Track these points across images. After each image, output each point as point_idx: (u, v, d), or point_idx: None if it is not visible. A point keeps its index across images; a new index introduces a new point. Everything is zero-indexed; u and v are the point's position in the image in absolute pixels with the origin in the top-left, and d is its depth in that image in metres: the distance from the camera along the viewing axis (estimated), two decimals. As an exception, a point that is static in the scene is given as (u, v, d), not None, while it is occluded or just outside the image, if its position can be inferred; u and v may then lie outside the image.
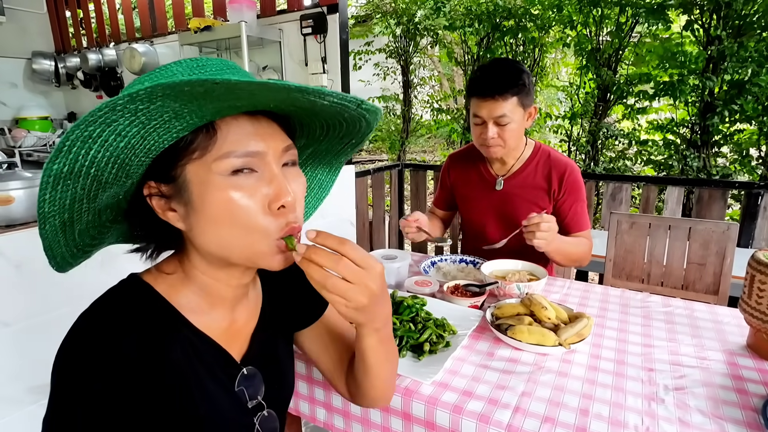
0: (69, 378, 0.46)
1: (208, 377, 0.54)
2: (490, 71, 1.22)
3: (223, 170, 0.46)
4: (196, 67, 0.45)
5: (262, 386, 0.61)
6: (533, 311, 0.93)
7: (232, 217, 0.47)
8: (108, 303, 0.50)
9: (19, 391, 1.45)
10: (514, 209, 1.36)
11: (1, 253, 1.36)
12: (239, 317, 0.60)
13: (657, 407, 0.73)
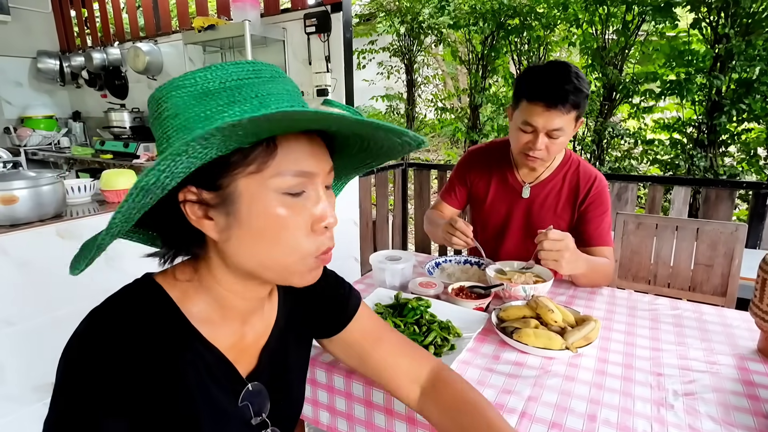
0: (74, 378, 0.45)
1: (212, 390, 0.53)
2: (555, 78, 1.10)
3: (278, 187, 0.46)
4: (252, 71, 0.45)
5: (267, 403, 0.60)
6: (539, 314, 0.92)
7: (278, 234, 0.47)
8: (121, 304, 0.50)
9: (24, 390, 1.46)
10: (539, 219, 1.30)
11: (5, 252, 1.36)
12: (250, 331, 0.58)
13: (666, 413, 0.71)
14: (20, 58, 4.20)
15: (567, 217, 1.30)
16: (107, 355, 0.45)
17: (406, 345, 0.71)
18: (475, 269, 1.30)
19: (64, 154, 3.73)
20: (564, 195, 1.29)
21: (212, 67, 0.44)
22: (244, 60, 0.45)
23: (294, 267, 0.50)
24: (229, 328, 0.55)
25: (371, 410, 0.81)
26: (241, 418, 0.56)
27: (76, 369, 0.45)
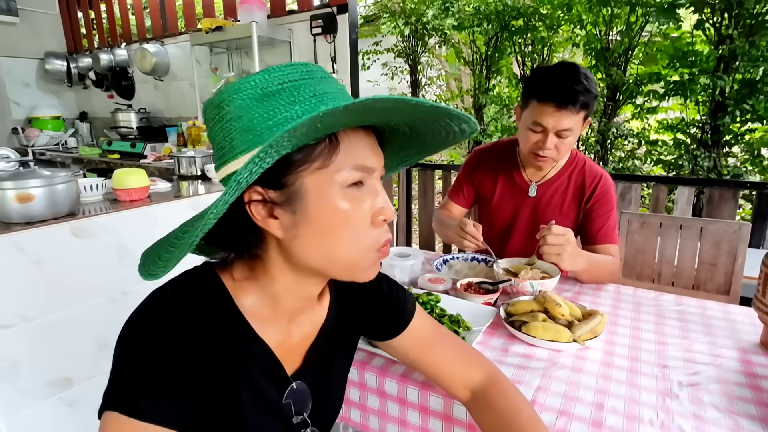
0: (130, 355, 0.46)
1: (259, 383, 0.54)
2: (565, 78, 1.11)
3: (343, 181, 0.47)
4: (306, 72, 0.47)
5: (309, 403, 0.60)
6: (547, 308, 0.94)
7: (344, 228, 0.48)
8: (180, 288, 0.51)
9: (37, 385, 1.48)
10: (545, 217, 1.31)
11: (22, 249, 1.39)
12: (296, 331, 0.59)
13: (672, 402, 0.73)
14: (28, 59, 4.24)
15: (573, 216, 1.31)
16: (162, 336, 0.46)
17: (461, 349, 0.71)
18: (482, 266, 1.32)
19: (71, 154, 3.77)
20: (570, 194, 1.30)
21: (269, 70, 0.46)
22: (296, 62, 0.47)
23: (359, 260, 0.51)
24: (278, 325, 0.56)
25: (405, 408, 0.83)
26: (284, 415, 0.57)
27: (133, 347, 0.47)
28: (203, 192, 1.95)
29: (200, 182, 2.22)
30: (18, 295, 1.40)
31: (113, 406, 0.44)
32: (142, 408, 0.44)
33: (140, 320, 0.49)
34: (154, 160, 3.14)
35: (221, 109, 0.47)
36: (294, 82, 0.46)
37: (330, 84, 0.48)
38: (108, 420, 0.44)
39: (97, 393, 1.60)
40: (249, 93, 0.45)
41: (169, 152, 3.27)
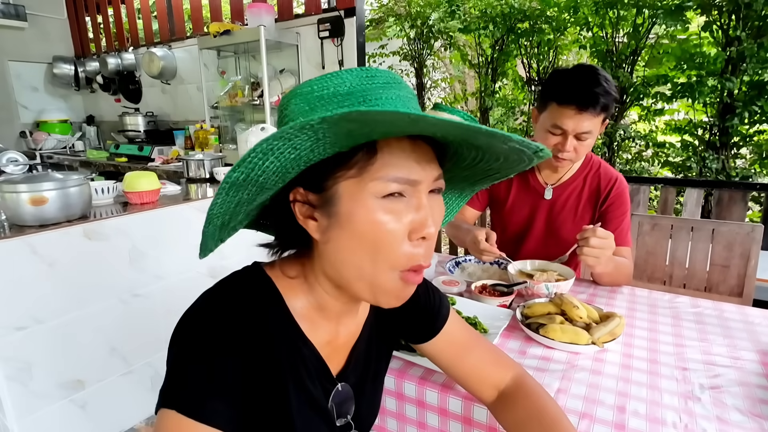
0: (183, 356, 0.47)
1: (307, 386, 0.54)
2: (586, 81, 1.10)
3: (379, 192, 0.45)
4: (366, 78, 0.45)
5: (353, 405, 0.60)
6: (564, 310, 0.94)
7: (374, 237, 0.46)
8: (231, 289, 0.51)
9: (50, 387, 1.49)
10: (561, 220, 1.31)
11: (36, 251, 1.40)
12: (342, 332, 0.59)
13: (694, 405, 0.73)
14: (36, 63, 4.28)
15: (588, 218, 1.31)
16: (216, 337, 0.47)
17: (493, 353, 0.71)
18: (495, 268, 1.32)
19: (78, 157, 3.79)
20: (585, 196, 1.30)
21: (329, 75, 0.45)
22: (358, 68, 0.46)
23: (385, 281, 0.48)
24: (326, 327, 0.56)
25: (423, 410, 0.83)
26: (329, 417, 0.57)
27: (189, 346, 0.47)
28: (212, 195, 1.96)
29: (209, 185, 2.23)
30: (32, 297, 1.41)
31: (171, 404, 0.45)
32: (199, 408, 0.44)
33: (194, 320, 0.49)
34: (161, 164, 3.15)
35: (282, 111, 0.48)
36: (349, 88, 0.45)
37: (391, 90, 0.46)
38: (165, 418, 0.45)
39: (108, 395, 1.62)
40: (306, 97, 0.46)
41: (176, 155, 3.28)
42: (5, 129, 4.12)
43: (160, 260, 1.73)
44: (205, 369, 0.46)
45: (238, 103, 3.00)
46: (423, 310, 0.68)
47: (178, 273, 1.80)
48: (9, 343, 1.36)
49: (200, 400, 0.45)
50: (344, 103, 0.44)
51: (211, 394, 0.45)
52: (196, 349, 0.46)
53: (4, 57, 4.06)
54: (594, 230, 1.02)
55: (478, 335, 0.73)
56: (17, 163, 3.05)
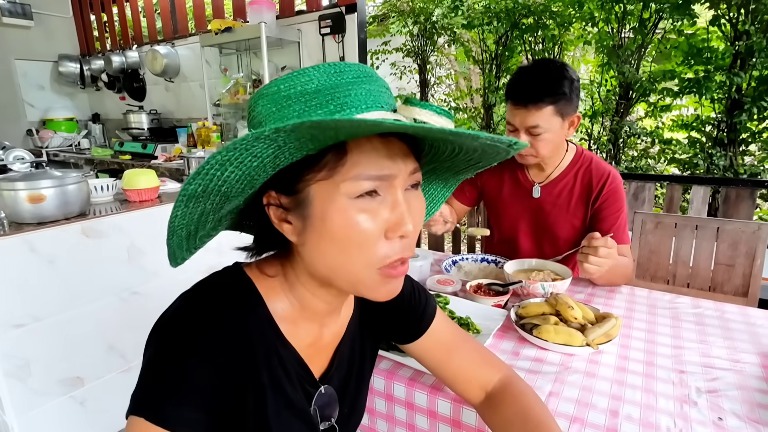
0: (159, 359, 0.46)
1: (286, 389, 0.52)
2: (528, 76, 1.14)
3: (351, 192, 0.44)
4: (333, 73, 0.44)
5: (336, 408, 0.59)
6: (559, 311, 0.92)
7: (349, 239, 0.45)
8: (210, 291, 0.50)
9: (50, 384, 1.49)
10: (551, 219, 1.30)
11: (34, 249, 1.40)
12: (326, 333, 0.58)
13: (690, 410, 0.71)
14: (42, 62, 4.31)
15: (581, 215, 1.28)
16: (191, 341, 0.46)
17: (481, 353, 0.70)
18: (492, 267, 1.30)
19: (84, 155, 3.82)
20: (576, 193, 1.27)
21: (296, 73, 0.44)
22: (327, 63, 0.44)
23: (362, 277, 0.47)
24: (308, 328, 0.55)
25: (413, 412, 0.82)
26: (311, 421, 0.56)
27: (161, 350, 0.46)
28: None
29: (209, 183, 2.23)
30: (30, 294, 1.41)
31: (139, 411, 0.44)
32: (167, 414, 0.43)
33: (169, 323, 0.48)
34: (164, 161, 3.16)
35: (250, 113, 0.47)
36: (317, 85, 0.43)
37: (361, 86, 0.44)
38: (133, 425, 0.44)
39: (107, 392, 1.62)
40: (272, 98, 0.44)
41: (179, 153, 3.29)
42: (12, 127, 4.16)
43: (158, 258, 1.73)
44: (176, 375, 0.44)
45: (239, 100, 3.00)
46: (408, 310, 0.67)
47: (176, 271, 1.79)
48: (8, 340, 1.37)
49: (169, 407, 0.44)
50: (312, 101, 0.43)
51: (181, 400, 0.44)
52: (168, 353, 0.46)
53: (10, 56, 4.09)
54: (605, 240, 1.00)
55: (466, 335, 0.72)
56: (24, 160, 3.08)
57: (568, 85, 1.12)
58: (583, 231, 1.31)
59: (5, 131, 3.97)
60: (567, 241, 1.32)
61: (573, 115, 1.18)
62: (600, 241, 1.00)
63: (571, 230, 1.30)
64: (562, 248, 1.32)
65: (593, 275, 1.04)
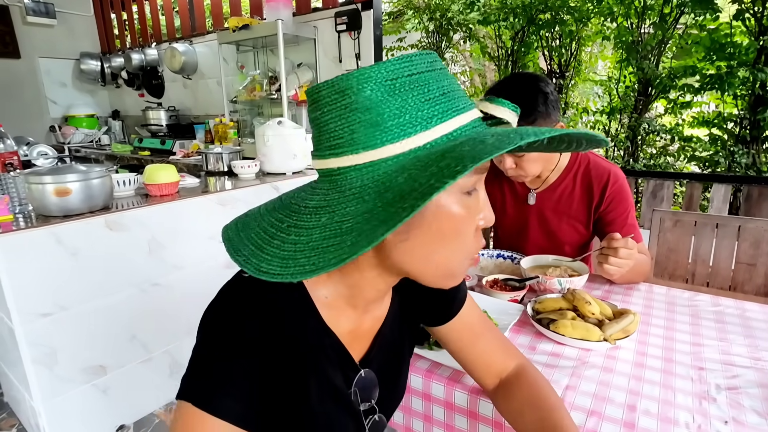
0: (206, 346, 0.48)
1: (326, 374, 0.53)
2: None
3: (461, 187, 0.45)
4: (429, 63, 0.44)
5: (376, 390, 0.60)
6: (576, 306, 0.92)
7: (455, 234, 0.46)
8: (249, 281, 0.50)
9: (74, 371, 1.54)
10: (554, 225, 1.27)
11: (60, 241, 1.45)
12: (368, 318, 0.58)
13: (709, 406, 0.70)
14: (65, 59, 4.42)
15: (583, 219, 1.25)
16: (234, 337, 0.47)
17: (501, 341, 0.72)
18: (508, 263, 1.30)
19: (104, 151, 3.90)
20: (577, 196, 1.24)
21: (396, 60, 0.43)
22: (420, 51, 0.44)
23: (457, 268, 0.49)
24: (351, 314, 0.55)
25: (429, 404, 0.83)
26: (351, 403, 0.57)
27: (209, 344, 0.48)
28: (230, 188, 1.99)
29: (227, 178, 2.27)
30: (56, 284, 1.46)
31: (189, 397, 0.46)
32: (215, 404, 0.45)
33: (215, 312, 0.49)
34: (182, 157, 3.22)
35: (345, 96, 0.43)
36: (421, 75, 0.43)
37: (449, 77, 0.45)
38: (181, 410, 0.46)
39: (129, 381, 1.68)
40: (380, 84, 0.42)
41: (197, 149, 3.34)
42: (36, 124, 4.27)
43: (178, 251, 1.77)
44: (224, 368, 0.46)
45: (256, 97, 3.03)
46: (444, 292, 0.67)
47: (195, 263, 1.84)
48: (36, 328, 1.42)
49: (218, 397, 0.45)
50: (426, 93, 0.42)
51: (228, 392, 0.46)
52: (217, 346, 0.47)
53: (34, 53, 4.20)
54: (626, 241, 0.98)
55: (489, 322, 0.73)
56: (47, 156, 3.16)
57: (542, 100, 1.06)
58: (589, 235, 1.29)
59: (29, 128, 4.08)
60: (573, 246, 1.30)
61: (555, 126, 1.12)
62: (620, 242, 0.98)
63: (575, 234, 1.28)
64: (568, 254, 1.29)
65: (613, 276, 1.03)
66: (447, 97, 0.43)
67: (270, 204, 0.52)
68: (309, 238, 0.42)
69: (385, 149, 0.42)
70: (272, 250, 0.44)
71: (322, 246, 0.41)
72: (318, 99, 0.45)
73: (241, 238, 0.48)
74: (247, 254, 0.45)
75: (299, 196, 0.49)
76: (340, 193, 0.43)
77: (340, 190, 0.44)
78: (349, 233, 0.40)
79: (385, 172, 0.42)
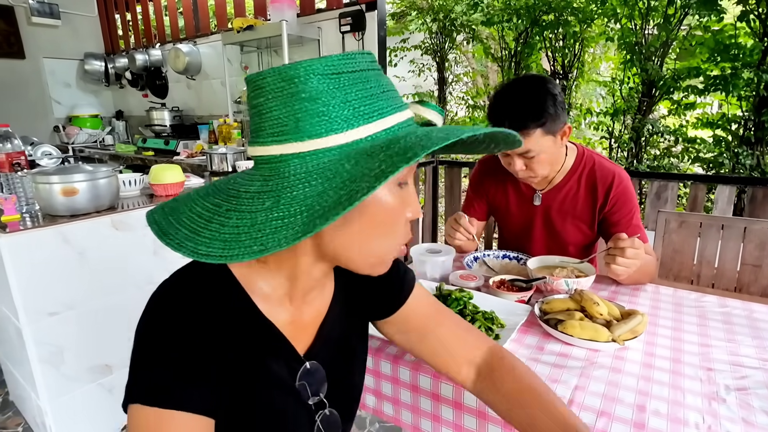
0: (144, 347, 0.48)
1: (271, 366, 0.54)
2: (509, 102, 1.10)
3: (396, 178, 0.48)
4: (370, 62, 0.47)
5: (324, 384, 0.60)
6: (584, 307, 0.92)
7: (390, 224, 0.50)
8: (185, 279, 0.52)
9: (81, 371, 1.55)
10: (558, 225, 1.28)
11: (67, 241, 1.45)
12: (308, 309, 0.59)
13: (719, 407, 0.70)
14: (69, 60, 4.43)
15: (588, 220, 1.26)
16: (174, 327, 0.48)
17: (462, 325, 0.71)
18: (514, 263, 1.30)
19: (108, 151, 3.91)
20: (581, 198, 1.24)
21: (340, 56, 0.45)
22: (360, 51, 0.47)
23: (387, 256, 0.53)
24: (290, 305, 0.56)
25: (417, 395, 0.83)
26: (298, 396, 0.57)
27: (147, 339, 0.48)
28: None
29: (232, 178, 2.27)
30: (63, 284, 1.47)
31: (135, 399, 0.46)
32: (162, 396, 0.45)
33: (152, 314, 0.50)
34: (186, 157, 3.22)
35: (293, 84, 0.44)
36: (363, 72, 0.46)
37: (386, 78, 0.49)
38: (133, 413, 0.46)
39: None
40: (326, 76, 0.44)
41: (200, 149, 3.35)
42: (40, 124, 4.29)
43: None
44: (165, 360, 0.46)
45: (260, 97, 3.03)
46: (387, 281, 0.67)
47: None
48: (42, 327, 1.43)
49: (165, 389, 0.45)
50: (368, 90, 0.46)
51: (176, 382, 0.46)
52: (156, 342, 0.47)
53: (39, 54, 4.21)
54: (633, 241, 0.98)
55: (448, 310, 0.72)
56: (51, 156, 3.17)
57: (551, 102, 1.07)
58: (593, 236, 1.29)
59: (34, 128, 4.10)
60: (578, 247, 1.31)
61: (562, 128, 1.14)
62: (627, 242, 0.98)
63: (579, 235, 1.28)
64: (573, 254, 1.30)
65: (620, 276, 1.04)
66: (386, 95, 0.47)
67: (202, 190, 0.51)
68: (253, 221, 0.43)
69: (329, 139, 0.43)
70: (210, 233, 0.44)
71: (270, 227, 0.41)
72: (263, 86, 0.46)
73: (171, 222, 0.47)
74: (181, 238, 0.45)
75: (236, 182, 0.49)
76: (283, 179, 0.44)
77: (282, 176, 0.44)
78: (298, 214, 0.41)
79: (330, 161, 0.43)
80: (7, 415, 1.83)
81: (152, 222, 0.49)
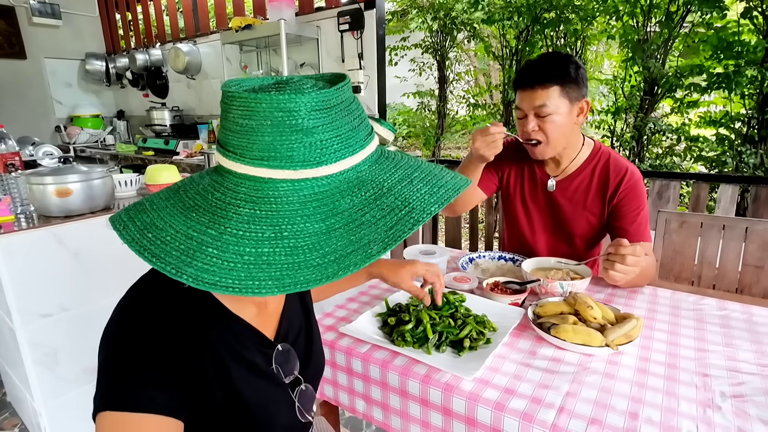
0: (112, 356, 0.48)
1: (245, 356, 0.57)
2: (535, 62, 1.18)
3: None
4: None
5: (296, 361, 0.65)
6: (578, 310, 0.90)
7: None
8: (149, 286, 0.54)
9: (75, 372, 1.54)
10: (567, 215, 1.28)
11: (61, 242, 1.45)
12: (272, 300, 0.64)
13: (713, 414, 0.69)
14: (70, 60, 4.44)
15: (597, 212, 1.25)
16: (141, 333, 0.49)
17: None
18: (509, 265, 1.29)
19: (109, 151, 3.92)
20: (593, 189, 1.24)
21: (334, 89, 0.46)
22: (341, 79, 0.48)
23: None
24: (253, 299, 0.60)
25: (406, 400, 0.82)
26: (275, 378, 0.61)
27: (113, 348, 0.49)
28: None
29: (229, 178, 2.27)
30: (58, 285, 1.46)
31: (103, 406, 0.46)
32: (127, 400, 0.45)
33: (117, 323, 0.51)
34: (186, 157, 3.22)
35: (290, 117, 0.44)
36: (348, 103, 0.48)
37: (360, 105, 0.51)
38: (102, 421, 0.46)
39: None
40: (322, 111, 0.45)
41: (200, 149, 3.35)
42: (42, 124, 4.30)
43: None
44: (133, 366, 0.47)
45: (259, 97, 3.02)
46: None
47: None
48: (36, 329, 1.42)
49: (134, 393, 0.46)
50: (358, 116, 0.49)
51: (145, 386, 0.46)
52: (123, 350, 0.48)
53: (40, 54, 4.22)
54: (634, 248, 0.97)
55: None
56: (52, 156, 3.18)
57: (574, 68, 1.14)
58: (600, 228, 1.28)
59: (35, 128, 4.11)
60: (583, 238, 1.30)
61: (582, 101, 1.17)
62: (628, 249, 0.97)
63: (588, 227, 1.28)
64: (577, 245, 1.30)
65: (618, 282, 1.03)
66: (364, 124, 0.49)
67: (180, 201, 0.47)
68: (258, 252, 0.41)
69: (321, 169, 0.45)
70: (208, 259, 0.41)
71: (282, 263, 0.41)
72: (256, 109, 0.43)
73: (152, 240, 0.43)
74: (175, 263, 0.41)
75: (214, 196, 0.46)
76: (275, 204, 0.44)
77: (273, 200, 0.44)
78: (309, 252, 0.41)
79: (323, 191, 0.45)
80: (4, 416, 1.83)
81: (129, 240, 0.44)
